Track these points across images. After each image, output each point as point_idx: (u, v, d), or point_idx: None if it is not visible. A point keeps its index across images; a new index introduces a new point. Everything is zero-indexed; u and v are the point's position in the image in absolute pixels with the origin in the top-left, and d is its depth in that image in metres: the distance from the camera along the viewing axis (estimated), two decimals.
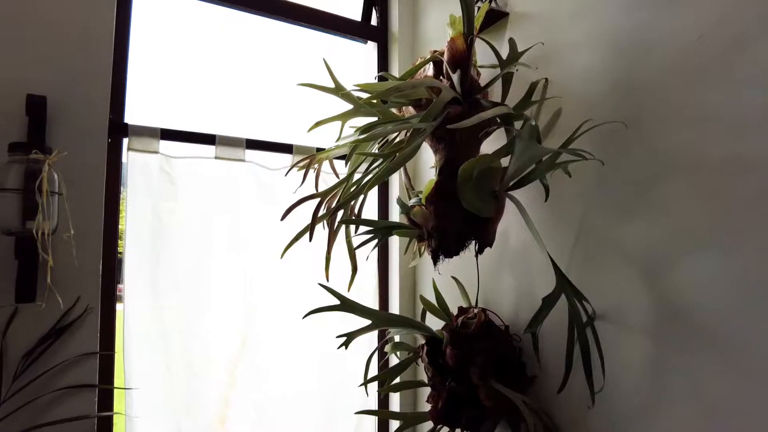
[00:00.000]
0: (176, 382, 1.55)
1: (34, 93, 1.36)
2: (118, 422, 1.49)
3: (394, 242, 2.01)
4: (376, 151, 1.52)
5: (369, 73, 2.13)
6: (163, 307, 1.55)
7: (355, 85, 1.39)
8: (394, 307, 1.97)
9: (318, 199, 1.47)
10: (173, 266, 1.57)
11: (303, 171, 1.57)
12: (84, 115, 1.45)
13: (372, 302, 1.95)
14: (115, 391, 1.49)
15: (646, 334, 1.17)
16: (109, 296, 1.48)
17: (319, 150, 1.76)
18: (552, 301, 1.14)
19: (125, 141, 1.53)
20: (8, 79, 1.36)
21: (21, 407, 1.31)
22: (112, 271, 1.50)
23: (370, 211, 2.00)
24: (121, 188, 1.54)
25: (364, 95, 1.45)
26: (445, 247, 1.41)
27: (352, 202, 1.57)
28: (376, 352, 1.63)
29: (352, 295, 1.48)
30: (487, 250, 1.45)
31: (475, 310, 1.45)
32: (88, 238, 1.41)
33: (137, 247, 1.53)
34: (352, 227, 1.62)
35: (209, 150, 1.64)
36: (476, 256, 1.43)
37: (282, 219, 1.46)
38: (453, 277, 1.62)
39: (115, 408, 1.49)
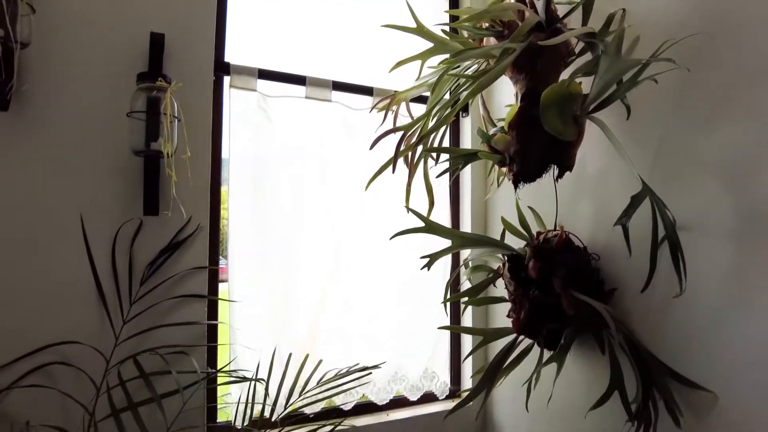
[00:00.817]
0: (274, 299, 1.70)
1: (155, 31, 1.52)
2: (223, 332, 1.64)
3: (466, 181, 2.08)
4: (462, 79, 1.61)
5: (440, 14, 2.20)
6: (263, 231, 1.69)
7: (446, 11, 1.49)
8: None
9: (401, 133, 1.59)
10: (271, 194, 1.71)
11: (383, 112, 1.69)
12: (193, 53, 1.60)
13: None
14: (220, 303, 1.65)
15: (728, 243, 1.22)
16: (216, 217, 1.63)
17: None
18: (639, 198, 1.21)
19: (227, 79, 1.68)
20: (133, 18, 1.52)
21: (147, 309, 1.48)
22: (218, 194, 1.65)
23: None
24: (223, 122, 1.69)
25: (444, 36, 1.55)
26: (526, 170, 1.49)
27: (432, 136, 1.67)
28: (456, 274, 1.73)
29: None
30: (565, 177, 1.53)
31: (556, 231, 1.53)
32: (198, 162, 1.57)
33: (239, 175, 1.68)
34: (430, 165, 1.73)
35: (300, 90, 1.77)
36: (555, 181, 1.52)
37: (371, 148, 1.59)
38: (529, 207, 1.70)
39: (220, 318, 1.64)
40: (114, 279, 1.46)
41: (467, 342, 1.99)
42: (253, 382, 1.49)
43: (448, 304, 1.90)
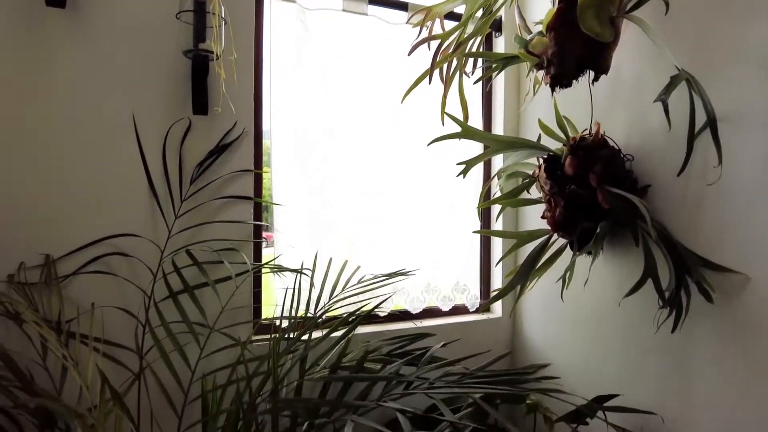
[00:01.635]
0: (314, 207, 1.77)
1: None
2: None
3: (499, 96, 2.10)
4: None
5: None
6: (304, 140, 1.75)
7: None
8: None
9: (436, 47, 1.63)
10: (311, 105, 1.76)
11: (418, 27, 1.71)
12: None
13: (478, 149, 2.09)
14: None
15: (765, 134, 1.25)
16: (258, 123, 1.68)
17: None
18: (678, 78, 1.24)
19: None
20: None
21: (196, 207, 1.55)
22: (260, 102, 1.70)
23: None
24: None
25: None
26: (564, 71, 1.52)
27: (468, 44, 1.70)
28: (489, 185, 1.78)
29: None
30: (600, 84, 1.55)
31: (592, 132, 1.56)
32: (243, 66, 1.61)
33: (279, 84, 1.72)
34: (464, 81, 1.75)
35: (337, 3, 1.80)
36: (591, 84, 1.54)
37: (409, 54, 1.63)
38: (564, 117, 1.73)
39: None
40: (165, 177, 1.53)
41: (498, 254, 2.04)
42: (297, 279, 1.56)
43: (482, 214, 1.96)
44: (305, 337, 1.27)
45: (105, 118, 1.48)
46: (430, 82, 1.64)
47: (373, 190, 1.87)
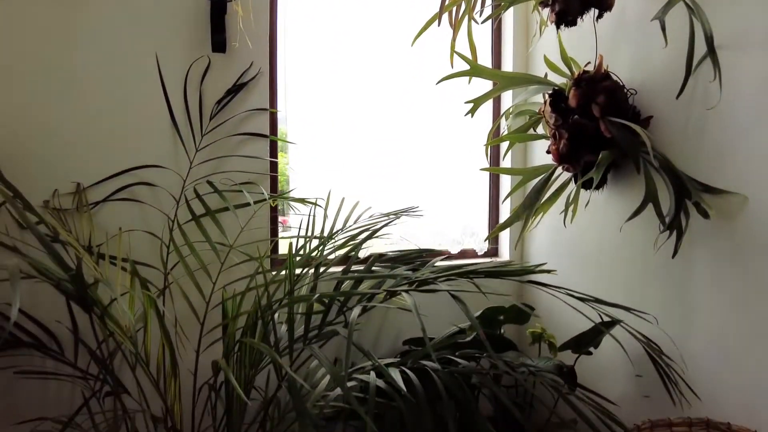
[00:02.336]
0: (325, 146, 1.84)
1: None
2: (284, 171, 1.80)
3: (508, 38, 2.14)
4: None
5: None
6: (318, 79, 1.83)
7: None
8: (506, 94, 2.12)
9: None
10: (325, 47, 1.83)
11: None
12: None
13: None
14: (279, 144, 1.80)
15: (765, 58, 1.28)
16: (273, 64, 1.76)
17: None
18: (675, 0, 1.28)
19: None
20: None
21: (216, 141, 1.64)
22: (275, 43, 1.77)
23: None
24: None
25: None
26: (569, 8, 1.56)
27: None
28: (498, 123, 1.83)
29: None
30: (606, 22, 1.60)
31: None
32: (258, 7, 1.68)
33: (294, 23, 1.80)
34: (474, 25, 1.80)
35: None
36: (595, 21, 1.58)
37: None
38: (570, 57, 1.77)
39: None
40: (186, 113, 1.61)
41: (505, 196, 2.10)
42: (311, 210, 1.64)
43: (490, 155, 2.01)
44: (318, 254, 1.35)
45: (130, 55, 1.56)
46: (439, 25, 1.69)
47: (383, 134, 1.94)
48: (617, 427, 1.34)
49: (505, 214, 2.12)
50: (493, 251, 2.16)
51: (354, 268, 1.50)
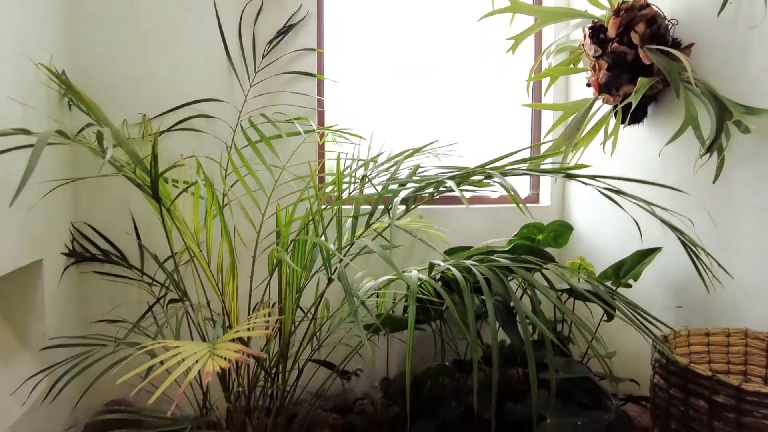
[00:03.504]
0: (369, 87, 1.92)
1: None
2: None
3: None
4: None
5: None
6: (361, 20, 1.91)
7: None
8: (547, 33, 2.14)
9: None
10: None
11: None
12: None
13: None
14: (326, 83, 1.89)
15: None
16: (320, 6, 1.85)
17: None
18: None
19: None
20: None
21: (267, 78, 1.75)
22: None
23: None
24: None
25: None
26: None
27: None
28: (539, 61, 1.87)
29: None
30: None
31: None
32: None
33: None
34: None
35: None
36: None
37: None
38: None
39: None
40: (241, 51, 1.72)
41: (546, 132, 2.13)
42: (359, 142, 1.73)
43: (531, 90, 2.05)
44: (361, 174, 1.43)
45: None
46: None
47: (424, 76, 2.01)
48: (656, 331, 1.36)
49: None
50: (534, 197, 2.19)
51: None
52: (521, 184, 2.19)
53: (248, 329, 1.07)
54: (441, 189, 1.18)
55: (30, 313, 1.34)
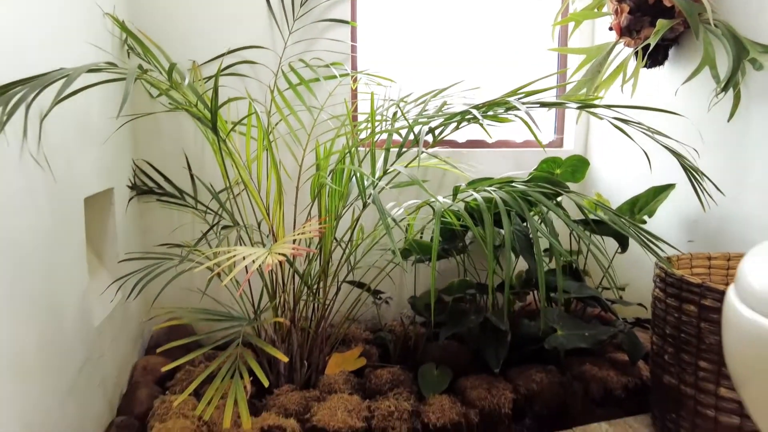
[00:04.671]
0: (396, 28, 2.03)
1: None
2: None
3: None
4: None
5: None
6: None
7: None
8: None
9: None
10: None
11: None
12: None
13: None
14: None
15: None
16: None
17: None
18: None
19: None
20: None
21: (305, 26, 1.87)
22: None
23: None
24: None
25: None
26: None
27: None
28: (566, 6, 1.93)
29: None
30: None
31: None
32: None
33: None
34: None
35: None
36: None
37: None
38: None
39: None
40: (281, 1, 1.85)
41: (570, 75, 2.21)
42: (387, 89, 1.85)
43: (558, 35, 2.12)
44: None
45: None
46: None
47: (449, 21, 2.09)
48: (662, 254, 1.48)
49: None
50: (558, 141, 2.29)
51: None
52: (546, 128, 2.28)
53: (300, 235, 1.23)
54: (467, 117, 1.30)
55: (105, 236, 1.55)
